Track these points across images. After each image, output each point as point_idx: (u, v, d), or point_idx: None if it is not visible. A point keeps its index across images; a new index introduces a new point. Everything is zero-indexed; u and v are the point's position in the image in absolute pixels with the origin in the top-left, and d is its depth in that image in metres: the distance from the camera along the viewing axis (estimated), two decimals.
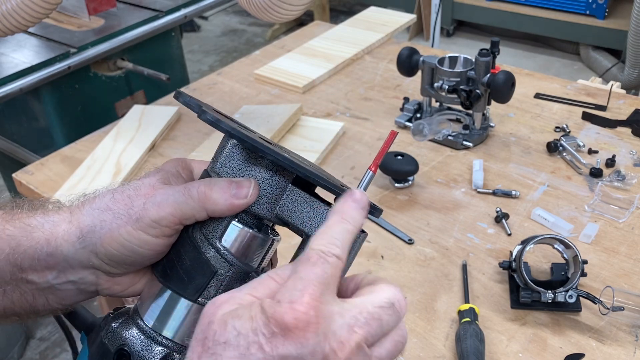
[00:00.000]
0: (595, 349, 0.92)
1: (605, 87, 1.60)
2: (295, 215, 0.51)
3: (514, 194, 1.23)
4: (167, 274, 0.51)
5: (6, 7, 1.22)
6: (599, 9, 3.79)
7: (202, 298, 0.50)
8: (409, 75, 1.47)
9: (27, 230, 0.52)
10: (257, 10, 1.27)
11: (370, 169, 0.52)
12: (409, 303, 1.02)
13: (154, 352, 0.50)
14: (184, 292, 0.50)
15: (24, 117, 2.04)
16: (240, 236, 0.51)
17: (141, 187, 0.51)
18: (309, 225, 0.51)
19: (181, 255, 0.51)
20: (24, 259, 0.52)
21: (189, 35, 4.80)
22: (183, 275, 0.50)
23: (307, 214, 0.51)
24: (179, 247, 0.51)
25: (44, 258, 0.52)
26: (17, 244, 0.52)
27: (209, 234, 0.50)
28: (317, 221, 0.51)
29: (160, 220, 0.49)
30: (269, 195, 0.51)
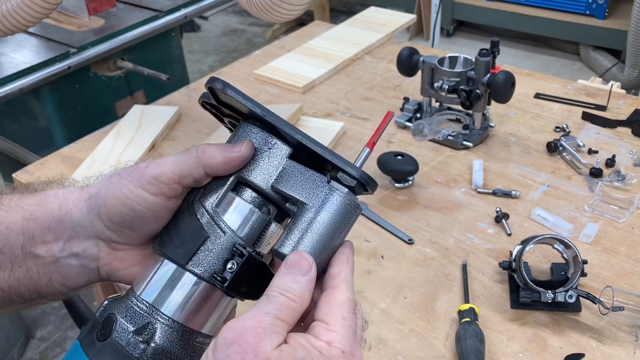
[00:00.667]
0: (595, 349, 0.92)
1: (605, 87, 1.60)
2: (291, 186, 0.51)
3: (514, 194, 1.23)
4: (163, 241, 0.53)
5: (6, 7, 1.22)
6: (599, 9, 3.79)
7: (192, 265, 0.50)
8: (409, 75, 1.47)
9: (42, 200, 0.56)
10: (257, 10, 1.27)
11: (368, 146, 0.53)
12: (409, 303, 1.02)
13: (138, 316, 0.50)
14: (175, 256, 0.51)
15: (24, 117, 2.04)
16: (236, 207, 0.52)
17: (146, 160, 0.54)
18: (303, 194, 0.51)
19: (178, 221, 0.52)
20: (36, 228, 0.54)
21: (189, 35, 4.80)
22: (175, 240, 0.51)
23: (302, 184, 0.51)
24: (178, 215, 0.53)
25: (54, 226, 0.54)
26: (32, 213, 0.55)
27: (206, 201, 0.51)
28: (314, 190, 0.51)
29: (159, 176, 0.51)
30: (264, 165, 0.52)
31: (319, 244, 0.49)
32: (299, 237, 0.49)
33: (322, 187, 0.50)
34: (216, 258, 0.50)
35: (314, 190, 0.50)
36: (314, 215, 0.49)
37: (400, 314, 1.00)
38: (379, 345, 0.95)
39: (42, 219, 0.55)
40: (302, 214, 0.50)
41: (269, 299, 0.45)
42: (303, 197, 0.50)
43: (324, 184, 0.51)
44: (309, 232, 0.49)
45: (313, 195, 0.50)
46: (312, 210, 0.50)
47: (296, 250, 0.49)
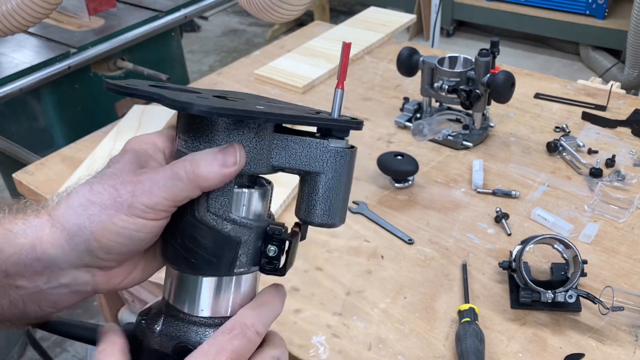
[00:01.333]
0: (595, 349, 0.92)
1: (605, 87, 1.60)
2: (290, 160, 0.51)
3: (514, 194, 1.23)
4: (192, 263, 0.50)
5: (6, 7, 1.22)
6: (599, 9, 3.79)
7: (237, 268, 0.51)
8: (409, 75, 1.47)
9: (9, 236, 0.49)
10: (257, 10, 1.27)
11: (339, 87, 0.52)
12: (409, 303, 1.02)
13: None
14: (219, 272, 0.51)
15: (24, 117, 2.04)
16: (247, 199, 0.51)
17: (120, 174, 0.48)
18: (307, 164, 0.51)
19: (198, 240, 0.50)
20: (9, 266, 0.49)
21: (189, 35, 4.80)
22: (210, 257, 0.50)
23: (301, 154, 0.51)
24: (192, 232, 0.50)
25: (31, 264, 0.49)
26: (0, 251, 0.49)
27: (219, 211, 0.50)
28: (317, 157, 0.51)
29: (155, 205, 0.47)
30: (259, 153, 0.50)
31: (343, 202, 0.53)
32: (327, 204, 0.52)
33: (324, 152, 0.51)
34: (255, 252, 0.51)
35: (317, 157, 0.51)
36: (330, 180, 0.52)
37: (400, 314, 1.00)
38: (379, 345, 0.95)
39: (14, 258, 0.48)
40: (316, 182, 0.52)
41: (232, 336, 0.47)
42: (310, 167, 0.51)
43: (324, 147, 0.51)
44: (331, 196, 0.52)
45: (319, 162, 0.51)
46: (327, 176, 0.51)
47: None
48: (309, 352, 0.94)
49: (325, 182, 0.52)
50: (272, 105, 0.55)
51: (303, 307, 1.02)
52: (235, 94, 0.57)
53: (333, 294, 1.04)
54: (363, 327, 0.98)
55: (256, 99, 0.58)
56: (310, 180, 0.52)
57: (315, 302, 1.02)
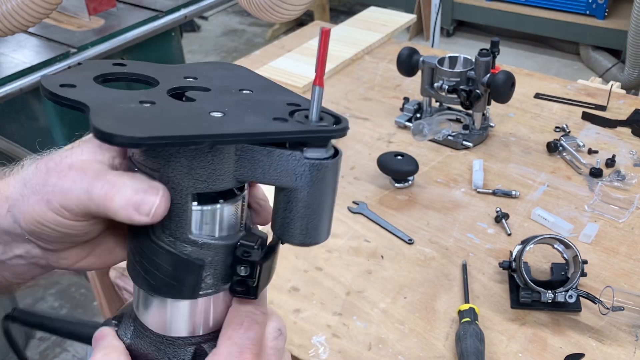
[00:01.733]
0: (595, 349, 0.92)
1: (605, 87, 1.60)
2: (257, 173, 0.44)
3: (514, 194, 1.23)
4: (153, 285, 0.45)
5: (6, 7, 1.22)
6: (599, 9, 3.79)
7: (202, 291, 0.46)
8: (409, 75, 1.47)
9: None
10: (257, 10, 1.27)
11: (316, 84, 0.43)
12: (409, 303, 1.02)
13: (183, 355, 0.48)
14: (181, 295, 0.46)
15: (24, 117, 2.04)
16: (210, 217, 0.44)
17: (63, 160, 0.45)
18: (276, 179, 0.43)
19: (158, 264, 0.44)
20: None
21: (189, 35, 4.80)
22: (171, 281, 0.45)
23: (270, 167, 0.43)
24: (149, 254, 0.45)
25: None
26: None
27: (176, 232, 0.43)
28: (284, 169, 0.43)
29: (68, 208, 0.43)
30: (216, 169, 0.42)
31: (327, 218, 0.46)
32: (304, 223, 0.45)
33: (298, 165, 0.43)
34: (225, 270, 0.46)
35: (289, 171, 0.43)
36: (307, 197, 0.44)
37: (400, 314, 1.00)
38: (379, 345, 0.95)
39: None
40: (291, 199, 0.44)
41: None
42: (281, 182, 0.43)
43: (296, 159, 0.43)
44: (310, 214, 0.44)
45: (291, 176, 0.43)
46: (302, 192, 0.43)
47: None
48: (309, 352, 0.94)
49: (301, 199, 0.44)
50: (242, 101, 0.46)
51: (303, 307, 1.02)
52: (206, 76, 0.50)
53: (333, 294, 1.04)
54: (363, 327, 0.98)
55: (226, 83, 0.50)
56: (284, 196, 0.44)
57: (315, 302, 1.02)
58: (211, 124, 0.41)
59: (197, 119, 0.42)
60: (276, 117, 0.44)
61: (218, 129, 0.41)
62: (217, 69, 0.54)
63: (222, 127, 0.41)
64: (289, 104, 0.46)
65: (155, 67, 0.50)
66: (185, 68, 0.51)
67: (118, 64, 0.49)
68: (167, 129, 0.40)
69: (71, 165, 0.44)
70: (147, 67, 0.50)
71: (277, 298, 1.03)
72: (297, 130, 0.43)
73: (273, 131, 0.42)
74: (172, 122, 0.41)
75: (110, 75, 0.47)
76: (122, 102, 0.42)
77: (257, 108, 0.45)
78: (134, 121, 0.40)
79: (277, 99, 0.48)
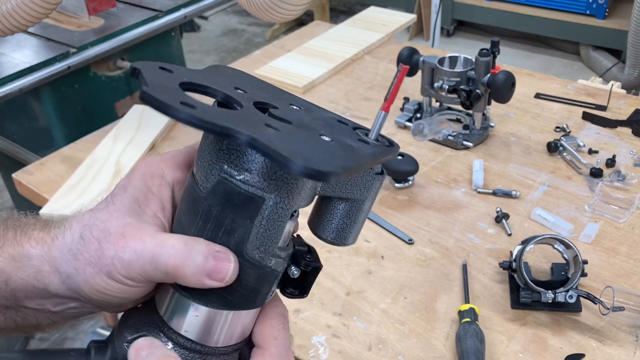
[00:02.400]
0: (595, 349, 0.92)
1: (605, 87, 1.60)
2: (337, 189, 0.47)
3: (514, 194, 1.23)
4: (229, 301, 0.46)
5: (6, 7, 1.22)
6: (599, 9, 3.79)
7: (268, 297, 0.49)
8: (409, 75, 1.47)
9: (14, 264, 0.48)
10: (257, 10, 1.27)
11: (383, 109, 0.49)
12: (409, 303, 1.02)
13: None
14: (254, 306, 0.47)
15: (24, 117, 2.04)
16: (289, 229, 0.47)
17: (110, 229, 0.45)
18: (354, 193, 0.48)
19: (240, 279, 0.45)
20: (18, 292, 0.48)
21: (189, 35, 4.80)
22: (249, 294, 0.46)
23: (350, 183, 0.48)
24: None
25: (38, 292, 0.48)
26: (8, 278, 0.48)
27: (269, 247, 0.45)
28: (360, 184, 0.48)
29: (133, 278, 0.45)
30: (310, 190, 0.45)
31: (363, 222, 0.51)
32: (359, 227, 0.50)
33: (369, 180, 0.49)
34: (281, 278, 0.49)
35: (363, 185, 0.49)
36: (368, 206, 0.50)
37: (400, 314, 1.00)
38: (379, 345, 0.95)
39: (21, 286, 0.48)
40: (357, 208, 0.49)
41: None
42: (354, 195, 0.48)
43: (371, 175, 0.49)
44: (364, 220, 0.50)
45: (364, 190, 0.49)
46: (368, 203, 0.50)
47: None
48: (309, 352, 0.94)
49: (365, 209, 0.50)
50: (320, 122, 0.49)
51: (303, 307, 1.02)
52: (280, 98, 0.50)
53: (333, 294, 1.04)
54: (363, 327, 0.98)
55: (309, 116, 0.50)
56: (346, 205, 0.49)
57: (316, 302, 1.02)
58: (345, 155, 0.43)
59: (329, 147, 0.43)
60: (360, 139, 0.48)
61: (355, 160, 0.43)
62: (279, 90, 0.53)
63: (353, 159, 0.43)
64: (339, 121, 0.51)
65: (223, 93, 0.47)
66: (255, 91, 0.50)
67: (238, 88, 0.47)
68: (342, 160, 0.42)
69: (124, 234, 0.44)
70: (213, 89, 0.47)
71: None
72: (384, 153, 0.47)
73: (378, 159, 0.46)
74: (328, 152, 0.42)
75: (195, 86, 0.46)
76: (265, 129, 0.41)
77: (336, 129, 0.48)
78: (316, 153, 0.41)
79: (327, 115, 0.51)
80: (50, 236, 0.48)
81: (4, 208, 2.99)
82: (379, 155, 0.47)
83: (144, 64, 0.43)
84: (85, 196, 1.26)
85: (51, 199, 1.27)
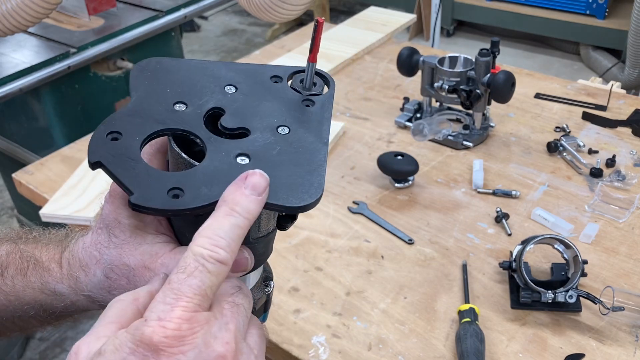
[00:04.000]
0: (595, 349, 0.92)
1: (605, 87, 1.60)
2: None
3: (514, 194, 1.23)
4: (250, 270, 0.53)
5: (6, 7, 1.22)
6: (599, 9, 3.79)
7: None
8: (409, 75, 1.47)
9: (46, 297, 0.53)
10: (257, 10, 1.27)
11: (310, 60, 0.55)
12: (409, 303, 1.02)
13: None
14: (267, 258, 0.55)
15: (24, 117, 2.04)
16: None
17: (130, 264, 0.49)
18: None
19: (254, 253, 0.52)
20: (56, 312, 0.54)
21: (189, 35, 4.80)
22: (262, 255, 0.54)
23: None
24: None
25: (78, 311, 0.54)
26: (45, 305, 0.53)
27: (268, 225, 0.52)
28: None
29: None
30: None
31: None
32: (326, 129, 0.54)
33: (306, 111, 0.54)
34: None
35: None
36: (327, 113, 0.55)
37: (400, 314, 1.00)
38: (379, 345, 0.95)
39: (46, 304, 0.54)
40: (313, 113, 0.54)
41: None
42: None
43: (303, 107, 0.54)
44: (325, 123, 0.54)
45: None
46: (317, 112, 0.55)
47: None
48: (309, 352, 0.94)
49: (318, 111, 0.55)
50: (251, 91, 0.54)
51: (303, 307, 1.02)
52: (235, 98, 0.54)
53: (333, 294, 1.04)
54: (363, 327, 0.98)
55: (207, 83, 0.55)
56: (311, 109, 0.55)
57: (315, 302, 1.02)
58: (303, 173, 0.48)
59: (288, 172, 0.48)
60: (304, 99, 0.55)
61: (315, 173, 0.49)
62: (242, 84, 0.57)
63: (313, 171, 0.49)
64: (273, 77, 0.56)
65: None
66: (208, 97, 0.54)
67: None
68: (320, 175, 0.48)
69: (145, 266, 0.49)
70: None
71: (277, 298, 1.03)
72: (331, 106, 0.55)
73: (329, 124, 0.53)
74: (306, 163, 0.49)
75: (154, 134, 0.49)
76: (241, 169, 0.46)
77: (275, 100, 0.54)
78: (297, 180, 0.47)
79: (260, 79, 0.56)
80: (70, 274, 0.52)
81: (4, 208, 2.99)
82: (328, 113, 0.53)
83: (97, 149, 0.45)
84: (85, 196, 1.26)
85: (51, 199, 1.27)
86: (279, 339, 0.96)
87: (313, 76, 0.55)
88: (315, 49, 0.54)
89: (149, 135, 0.48)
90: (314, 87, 0.55)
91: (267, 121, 0.51)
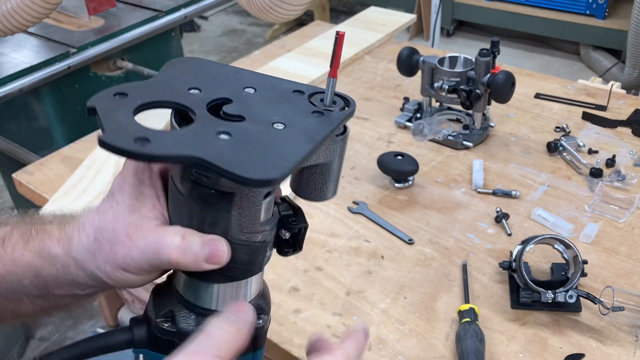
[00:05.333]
0: (595, 349, 0.92)
1: (605, 87, 1.60)
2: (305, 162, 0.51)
3: (514, 194, 1.23)
4: (229, 276, 0.53)
5: (6, 7, 1.22)
6: (599, 9, 3.79)
7: (266, 262, 0.55)
8: (409, 75, 1.47)
9: (42, 260, 0.54)
10: (257, 10, 1.27)
11: (331, 76, 0.53)
12: (409, 303, 1.02)
13: None
14: (253, 274, 0.54)
15: (24, 117, 2.04)
16: (270, 202, 0.52)
17: (117, 230, 0.51)
18: (322, 159, 0.53)
19: (234, 257, 0.51)
20: (49, 284, 0.54)
21: (189, 35, 4.80)
22: (246, 267, 0.53)
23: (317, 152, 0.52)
24: None
25: (67, 282, 0.54)
26: (38, 272, 0.54)
27: (252, 227, 0.51)
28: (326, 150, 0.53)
29: (145, 269, 0.51)
30: None
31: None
32: (336, 183, 0.56)
33: (332, 143, 0.53)
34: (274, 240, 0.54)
35: (328, 150, 0.53)
36: (338, 164, 0.55)
37: (400, 314, 1.00)
38: (379, 345, 0.95)
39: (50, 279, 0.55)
40: (328, 169, 0.54)
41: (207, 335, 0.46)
42: (322, 160, 0.53)
43: (333, 139, 0.53)
44: (338, 176, 0.56)
45: (330, 153, 0.54)
46: (337, 163, 0.55)
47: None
48: None
49: (335, 167, 0.55)
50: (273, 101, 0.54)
51: (303, 307, 1.02)
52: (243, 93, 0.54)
53: (333, 294, 1.04)
54: None
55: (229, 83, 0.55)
56: (319, 169, 0.54)
57: (315, 302, 1.02)
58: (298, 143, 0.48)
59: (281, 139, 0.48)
60: (315, 110, 0.53)
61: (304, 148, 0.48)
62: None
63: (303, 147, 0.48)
64: (295, 91, 0.56)
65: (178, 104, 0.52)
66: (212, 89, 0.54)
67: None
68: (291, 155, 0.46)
69: (129, 235, 0.50)
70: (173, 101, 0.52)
71: (277, 298, 1.03)
72: (338, 122, 0.52)
73: (332, 133, 0.51)
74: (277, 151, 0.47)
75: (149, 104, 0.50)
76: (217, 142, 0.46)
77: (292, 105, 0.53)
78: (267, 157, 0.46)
79: (283, 88, 0.56)
80: (67, 236, 0.54)
81: (4, 208, 2.99)
82: (333, 126, 0.51)
83: (99, 98, 0.48)
84: (85, 196, 1.27)
85: (51, 199, 1.27)
86: (279, 339, 0.96)
87: (333, 93, 0.54)
88: (335, 64, 0.52)
89: (148, 102, 0.49)
90: (334, 106, 0.54)
91: (267, 117, 0.51)
